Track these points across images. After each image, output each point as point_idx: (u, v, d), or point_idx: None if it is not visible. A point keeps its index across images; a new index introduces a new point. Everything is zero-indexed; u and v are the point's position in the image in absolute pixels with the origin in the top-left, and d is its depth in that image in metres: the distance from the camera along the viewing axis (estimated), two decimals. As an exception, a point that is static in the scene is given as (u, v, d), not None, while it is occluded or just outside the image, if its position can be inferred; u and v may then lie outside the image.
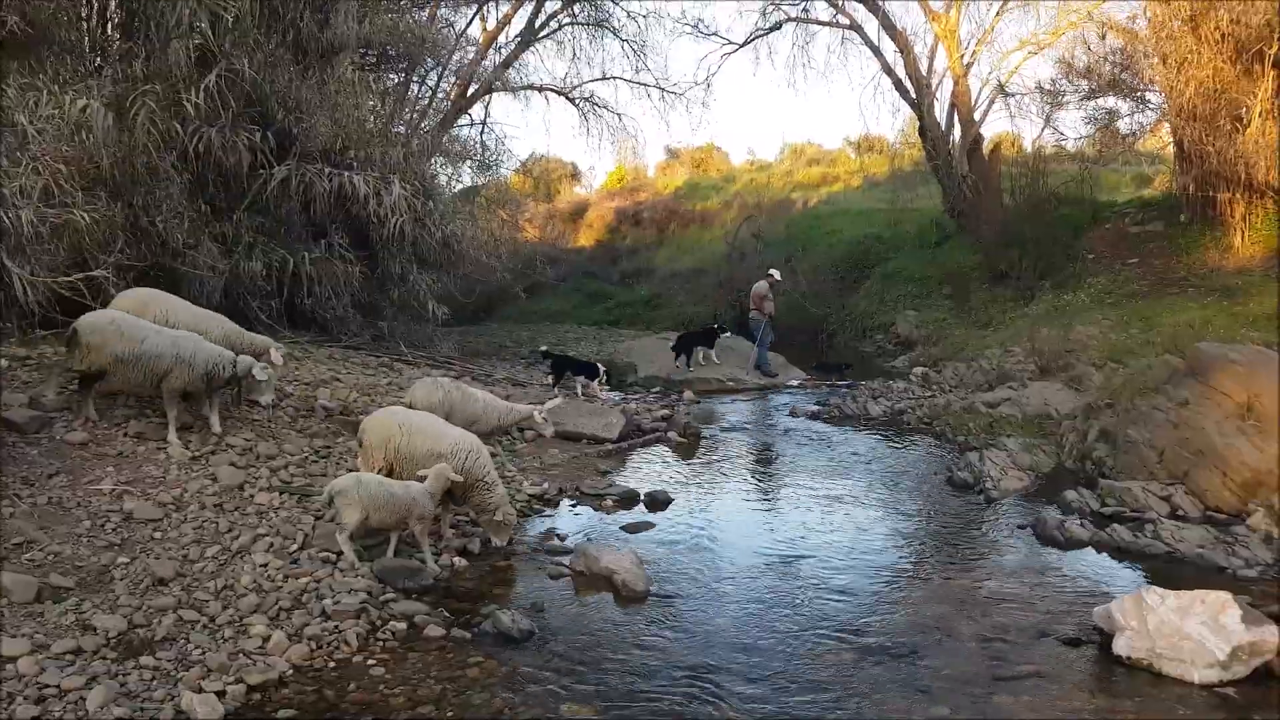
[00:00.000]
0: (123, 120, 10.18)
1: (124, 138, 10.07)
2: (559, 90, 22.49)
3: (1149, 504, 7.78)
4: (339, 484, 6.24)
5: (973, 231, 21.15)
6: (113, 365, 7.09)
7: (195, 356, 7.32)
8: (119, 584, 5.54)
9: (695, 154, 39.49)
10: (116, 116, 10.07)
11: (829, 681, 4.96)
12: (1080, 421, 9.76)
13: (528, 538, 7.42)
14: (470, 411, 8.39)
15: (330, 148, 12.87)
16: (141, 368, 7.13)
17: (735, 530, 7.81)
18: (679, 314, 25.19)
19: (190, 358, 7.29)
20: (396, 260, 13.91)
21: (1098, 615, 5.40)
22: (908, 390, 13.70)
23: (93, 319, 7.18)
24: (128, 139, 10.11)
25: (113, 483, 6.59)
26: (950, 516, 8.19)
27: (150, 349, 7.14)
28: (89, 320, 7.15)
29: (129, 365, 7.10)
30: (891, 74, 22.72)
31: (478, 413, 8.46)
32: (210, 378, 7.42)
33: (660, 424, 11.80)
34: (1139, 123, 20.00)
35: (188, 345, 7.35)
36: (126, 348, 7.07)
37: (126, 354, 7.07)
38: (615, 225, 35.03)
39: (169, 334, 7.39)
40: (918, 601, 6.20)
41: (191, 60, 11.17)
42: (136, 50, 11.23)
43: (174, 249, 10.60)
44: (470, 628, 5.56)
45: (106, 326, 7.10)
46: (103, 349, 7.03)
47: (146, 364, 7.13)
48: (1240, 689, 4.76)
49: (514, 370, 15.45)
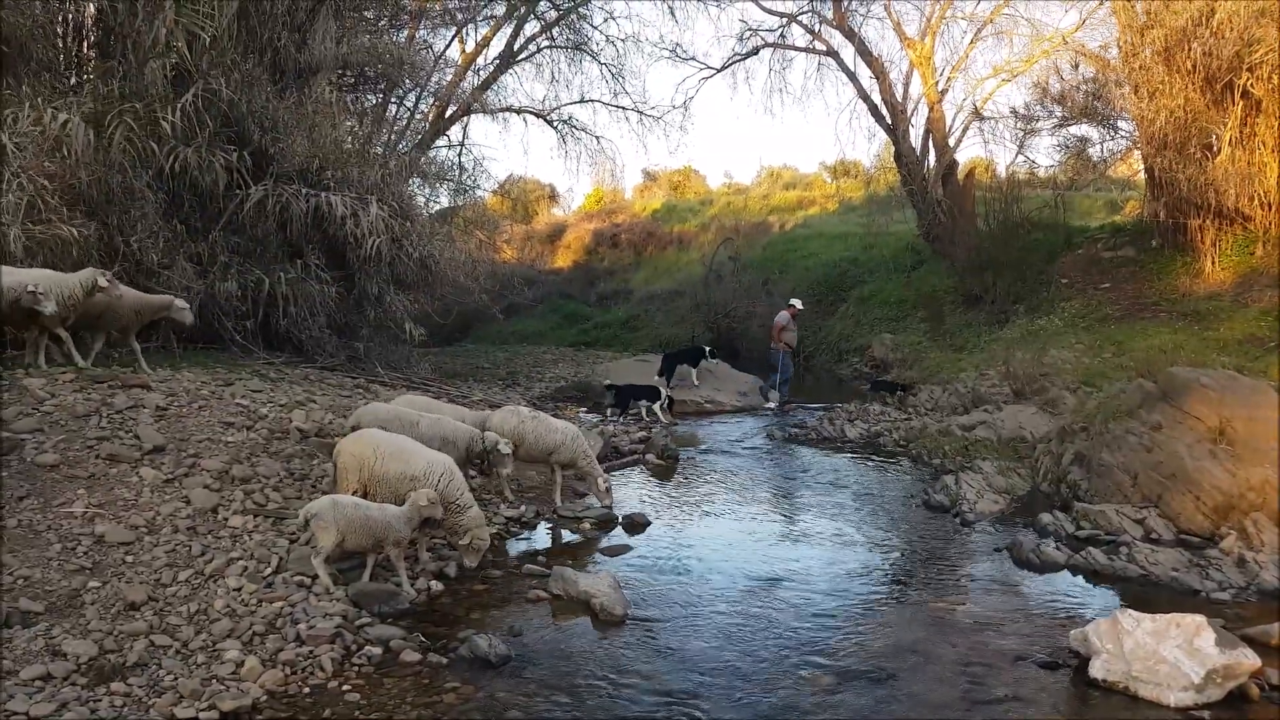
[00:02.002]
0: (100, 138, 10.11)
1: (100, 156, 10.00)
2: (537, 112, 22.61)
3: (1123, 527, 7.85)
4: (314, 507, 6.18)
5: (947, 256, 21.41)
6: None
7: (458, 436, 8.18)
8: (90, 608, 5.44)
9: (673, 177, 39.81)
10: (95, 133, 10.00)
11: (808, 706, 4.95)
12: (1055, 445, 9.85)
13: (504, 561, 7.37)
14: (549, 442, 8.66)
15: (307, 168, 12.83)
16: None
17: (713, 553, 7.79)
18: (656, 335, 25.27)
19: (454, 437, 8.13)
20: (373, 281, 13.84)
21: (1074, 638, 5.43)
22: (884, 413, 13.79)
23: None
24: (104, 157, 10.03)
25: (84, 505, 6.48)
26: (927, 539, 8.23)
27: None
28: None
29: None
30: (867, 100, 23.05)
31: (556, 443, 8.67)
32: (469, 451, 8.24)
33: (638, 446, 11.80)
34: (1110, 150, 20.41)
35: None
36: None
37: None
38: (593, 247, 35.15)
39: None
40: (895, 625, 6.21)
41: (168, 79, 11.13)
42: (114, 69, 11.19)
43: (149, 269, 10.50)
44: (447, 652, 5.51)
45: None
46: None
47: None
48: (1215, 712, 4.79)
49: (490, 392, 15.39)
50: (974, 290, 19.46)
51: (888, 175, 26.62)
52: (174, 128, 10.97)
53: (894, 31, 22.48)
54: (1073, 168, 21.20)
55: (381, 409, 8.32)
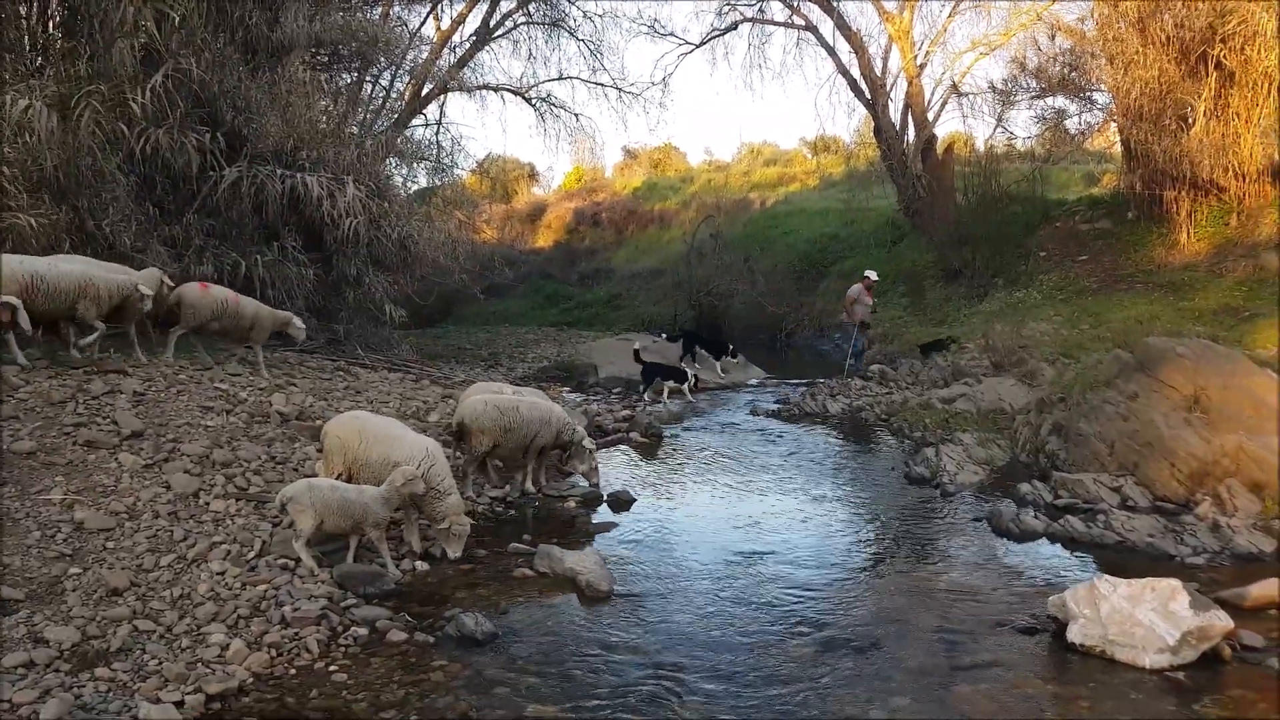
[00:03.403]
0: (67, 121, 9.93)
1: (68, 139, 9.83)
2: (515, 90, 22.44)
3: (1100, 495, 7.96)
4: (290, 490, 6.15)
5: (927, 230, 21.49)
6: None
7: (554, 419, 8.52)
8: (71, 595, 5.40)
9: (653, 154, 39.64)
10: (60, 117, 9.83)
11: (792, 676, 5.00)
12: (1033, 416, 9.95)
13: (490, 540, 7.38)
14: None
15: (282, 149, 12.68)
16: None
17: (698, 529, 7.84)
18: (638, 314, 25.27)
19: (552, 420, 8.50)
20: (351, 262, 13.74)
21: (1052, 604, 5.52)
22: (865, 388, 13.87)
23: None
24: (72, 140, 9.87)
25: (63, 492, 6.43)
26: (908, 511, 8.31)
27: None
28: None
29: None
30: (847, 75, 23.01)
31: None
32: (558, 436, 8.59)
33: (622, 424, 11.81)
34: (1087, 122, 20.50)
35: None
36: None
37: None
38: (574, 226, 35.02)
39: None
40: (877, 594, 6.28)
41: (137, 60, 10.94)
42: (80, 49, 10.97)
43: (122, 252, 10.36)
44: (433, 631, 5.52)
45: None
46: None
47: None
48: (1189, 673, 4.88)
49: (473, 372, 15.36)
50: (953, 264, 19.57)
51: (868, 151, 26.62)
52: (144, 109, 10.79)
53: (872, 5, 22.44)
54: (1050, 141, 21.27)
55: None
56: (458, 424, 8.22)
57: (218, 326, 10.08)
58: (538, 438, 8.46)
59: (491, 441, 8.19)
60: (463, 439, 8.25)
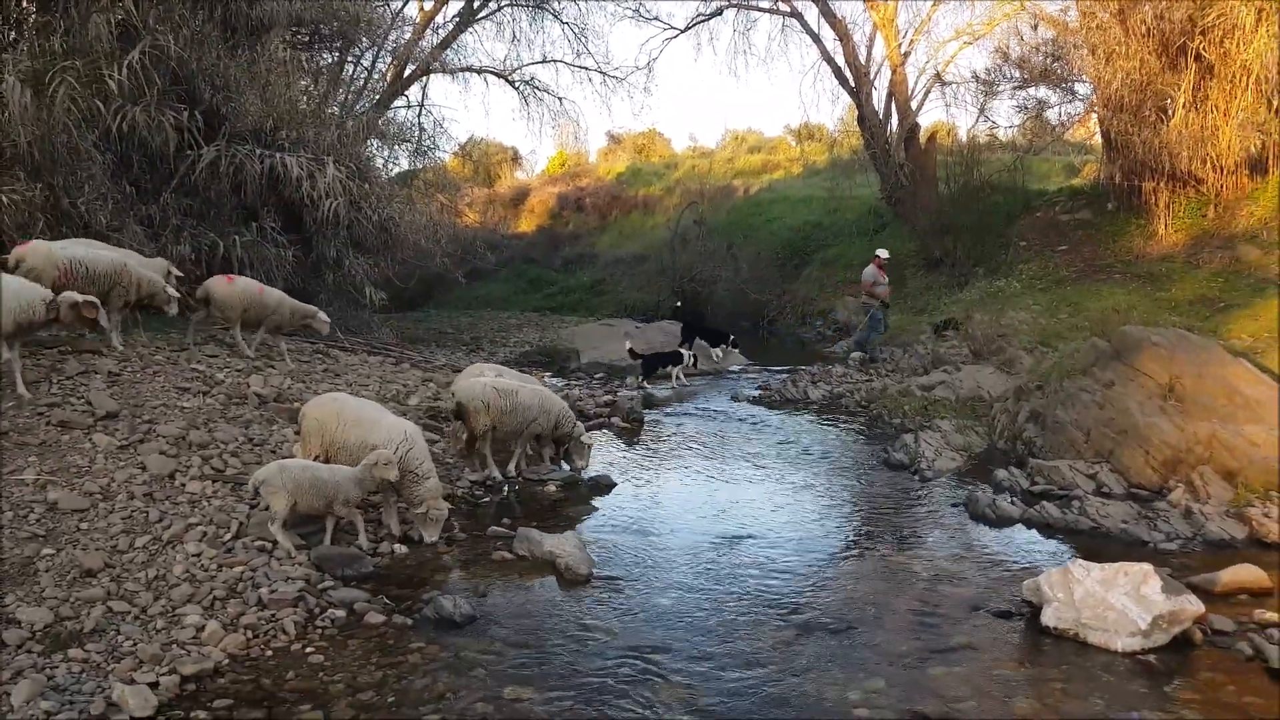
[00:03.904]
0: (41, 97, 9.78)
1: (42, 115, 9.68)
2: (498, 73, 22.28)
3: (1076, 482, 8.04)
4: (263, 473, 6.11)
5: (909, 219, 21.56)
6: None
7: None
8: (44, 576, 5.35)
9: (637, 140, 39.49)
10: (34, 93, 9.67)
11: (769, 658, 5.03)
12: (1011, 403, 10.03)
13: (469, 524, 7.37)
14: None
15: (261, 128, 12.55)
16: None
17: (678, 513, 7.86)
18: (622, 300, 25.22)
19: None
20: (331, 244, 13.63)
21: (1027, 588, 5.58)
22: (846, 375, 13.93)
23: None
24: (46, 116, 9.71)
25: (36, 472, 6.36)
26: (886, 496, 8.36)
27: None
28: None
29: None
30: (831, 62, 22.98)
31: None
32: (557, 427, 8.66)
33: (604, 409, 11.81)
34: (1068, 113, 20.59)
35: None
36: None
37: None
38: (557, 211, 34.87)
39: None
40: (855, 578, 6.32)
41: (113, 36, 10.77)
42: (54, 24, 10.78)
43: (97, 231, 10.22)
44: (411, 614, 5.51)
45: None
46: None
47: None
48: (1161, 656, 4.95)
49: (454, 357, 15.29)
50: (935, 253, 19.66)
51: (851, 139, 26.65)
52: (121, 86, 10.64)
53: (857, -8, 22.42)
54: (1031, 131, 21.36)
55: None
56: (457, 404, 8.20)
57: (244, 318, 10.11)
58: (534, 424, 8.47)
59: (490, 422, 8.17)
60: (461, 419, 8.23)
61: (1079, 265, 16.76)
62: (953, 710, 4.41)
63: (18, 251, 8.05)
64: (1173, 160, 15.69)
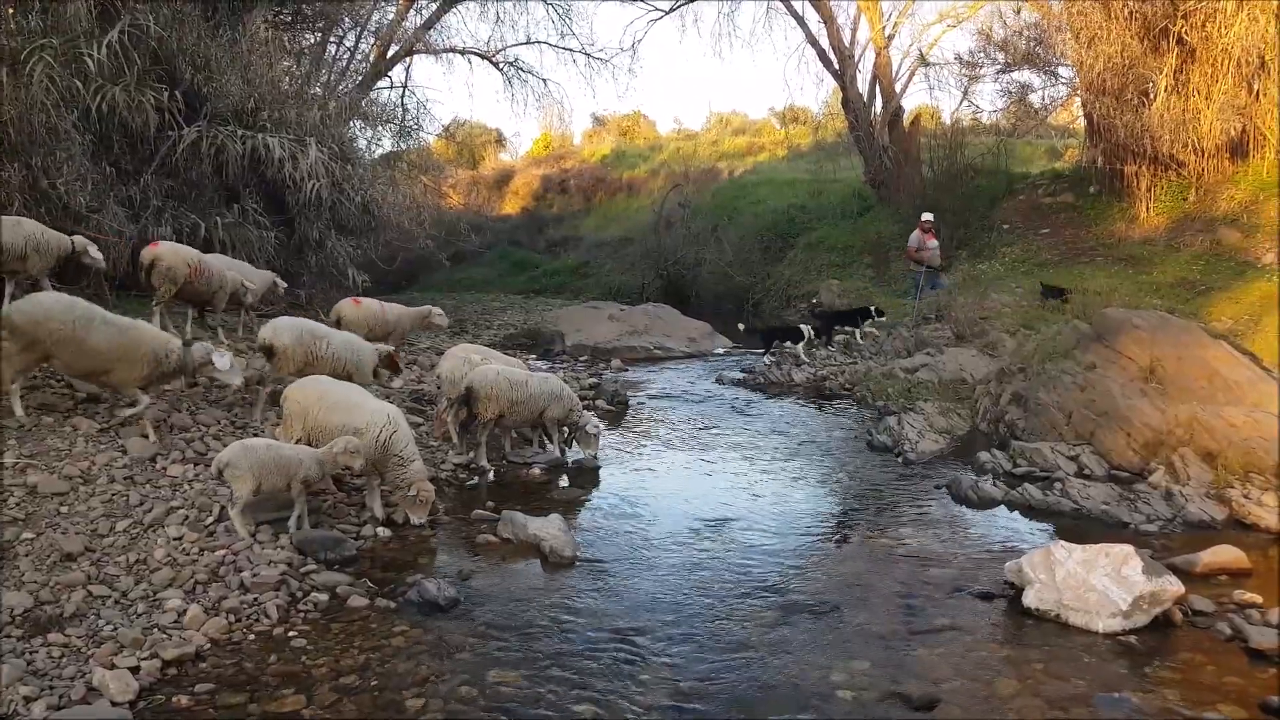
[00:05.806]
0: (18, 76, 9.61)
1: (20, 94, 9.52)
2: (482, 54, 22.11)
3: (1057, 464, 8.09)
4: (226, 455, 6.00)
5: (893, 202, 21.58)
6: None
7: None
8: (24, 560, 5.30)
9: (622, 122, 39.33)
10: (10, 71, 9.51)
11: (754, 640, 5.05)
12: (994, 385, 10.08)
13: (453, 507, 7.36)
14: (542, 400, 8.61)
15: (243, 109, 12.39)
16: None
17: (662, 496, 7.87)
18: (606, 283, 25.16)
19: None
20: (314, 226, 13.51)
21: (1009, 570, 5.62)
22: (830, 357, 13.96)
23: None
24: (24, 96, 9.55)
25: (15, 456, 6.30)
26: (870, 478, 8.40)
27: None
28: None
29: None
30: (815, 45, 22.92)
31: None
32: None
33: (588, 392, 11.79)
34: (1051, 96, 20.63)
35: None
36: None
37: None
38: (541, 193, 34.72)
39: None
40: (839, 561, 6.36)
41: (92, 14, 10.60)
42: (31, 2, 10.59)
43: (77, 213, 10.08)
44: (395, 597, 5.50)
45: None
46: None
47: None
48: (1141, 637, 5.01)
49: (438, 340, 15.21)
50: (919, 236, 19.66)
51: (836, 122, 26.62)
52: (100, 65, 10.47)
53: (842, -26, 22.33)
54: (1015, 114, 21.39)
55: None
56: (466, 389, 8.14)
57: (369, 336, 9.98)
58: (547, 411, 8.49)
59: (498, 410, 8.14)
60: (469, 405, 8.19)
61: (1061, 248, 16.84)
62: (935, 691, 4.45)
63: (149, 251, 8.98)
64: (1154, 144, 15.76)
